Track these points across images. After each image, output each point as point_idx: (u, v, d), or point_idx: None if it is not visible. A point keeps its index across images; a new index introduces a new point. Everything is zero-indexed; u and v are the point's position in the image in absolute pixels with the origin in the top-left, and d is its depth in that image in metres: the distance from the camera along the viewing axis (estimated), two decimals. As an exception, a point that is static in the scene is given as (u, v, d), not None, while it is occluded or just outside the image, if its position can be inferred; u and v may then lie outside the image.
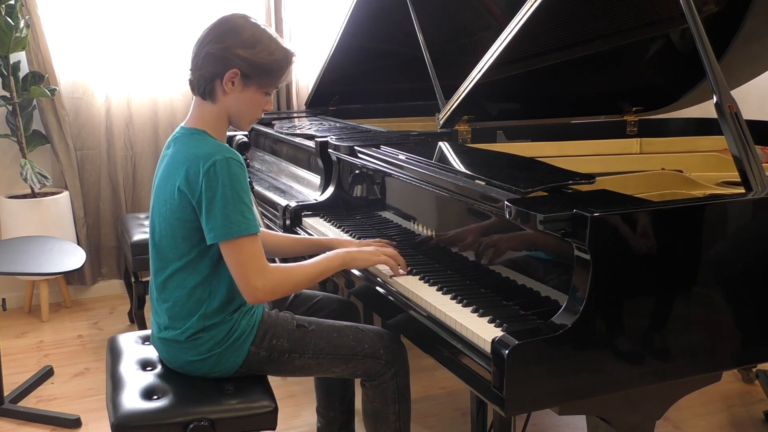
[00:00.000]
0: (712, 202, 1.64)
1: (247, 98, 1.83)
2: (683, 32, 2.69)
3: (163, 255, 1.84)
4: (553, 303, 1.56)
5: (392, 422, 1.98)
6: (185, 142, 1.82)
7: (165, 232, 1.82)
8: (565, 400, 1.47)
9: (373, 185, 2.42)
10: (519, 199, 1.59)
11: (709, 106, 1.81)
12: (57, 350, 3.40)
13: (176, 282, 1.83)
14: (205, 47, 1.79)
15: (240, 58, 1.77)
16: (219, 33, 1.79)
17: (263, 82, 1.83)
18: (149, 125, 4.02)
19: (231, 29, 1.79)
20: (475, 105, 2.58)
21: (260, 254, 1.76)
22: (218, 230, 1.72)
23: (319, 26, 4.20)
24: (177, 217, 1.79)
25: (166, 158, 1.86)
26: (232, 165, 1.73)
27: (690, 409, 2.77)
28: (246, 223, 1.73)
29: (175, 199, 1.77)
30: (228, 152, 1.75)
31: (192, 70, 1.83)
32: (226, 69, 1.78)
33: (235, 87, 1.80)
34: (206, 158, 1.72)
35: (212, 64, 1.78)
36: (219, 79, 1.79)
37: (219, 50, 1.77)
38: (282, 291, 1.84)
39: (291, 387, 2.93)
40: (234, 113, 1.85)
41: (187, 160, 1.76)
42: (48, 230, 3.55)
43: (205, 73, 1.80)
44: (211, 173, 1.71)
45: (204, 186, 1.71)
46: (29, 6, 3.62)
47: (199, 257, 1.80)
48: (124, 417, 1.73)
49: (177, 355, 1.87)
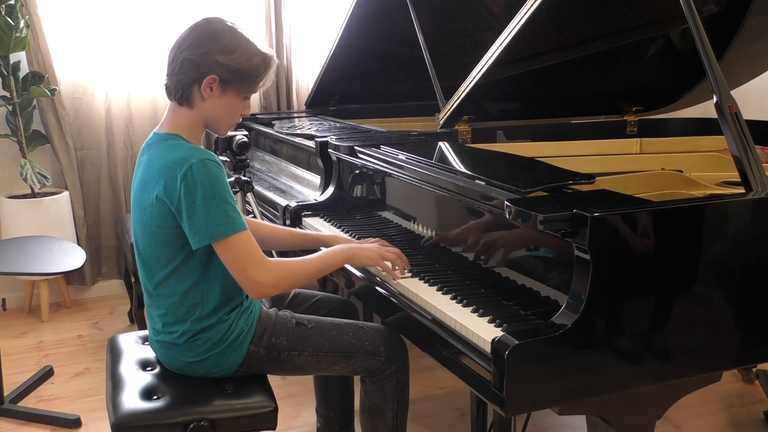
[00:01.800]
0: (712, 202, 1.64)
1: (226, 103, 1.81)
2: (683, 32, 2.69)
3: (149, 263, 1.83)
4: (553, 303, 1.56)
5: (389, 419, 1.97)
6: (159, 149, 1.79)
7: (148, 240, 1.81)
8: (565, 400, 1.47)
9: (373, 185, 2.42)
10: (519, 199, 1.59)
11: (709, 106, 1.81)
12: (57, 350, 3.40)
13: (166, 290, 1.82)
14: (182, 53, 1.76)
15: (218, 64, 1.75)
16: (196, 38, 1.76)
17: (242, 87, 1.80)
18: (149, 125, 4.01)
19: (208, 34, 1.76)
20: (475, 105, 2.58)
21: (255, 249, 1.75)
22: (203, 233, 1.70)
23: (319, 26, 4.20)
24: (158, 225, 1.77)
25: (142, 165, 1.83)
26: (209, 166, 1.71)
27: (690, 409, 2.77)
28: (231, 222, 1.71)
29: (155, 207, 1.75)
30: (203, 154, 1.73)
31: (169, 75, 1.80)
32: (205, 75, 1.75)
33: (214, 92, 1.77)
34: (182, 163, 1.70)
35: (190, 70, 1.76)
36: (197, 84, 1.76)
37: (197, 56, 1.74)
38: (286, 284, 1.82)
39: (291, 387, 2.93)
40: (212, 119, 1.83)
41: (163, 167, 1.73)
42: (48, 230, 3.55)
43: (183, 78, 1.77)
44: (189, 177, 1.69)
45: (183, 191, 1.69)
46: (29, 6, 3.62)
47: (185, 262, 1.79)
48: (124, 417, 1.73)
49: (175, 357, 1.86)
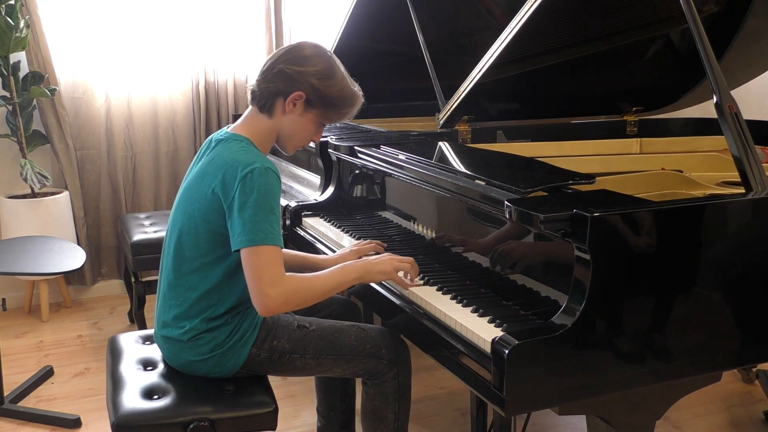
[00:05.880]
0: (712, 202, 1.64)
1: (304, 123, 1.86)
2: (683, 32, 2.69)
3: (182, 252, 1.84)
4: (553, 303, 1.56)
5: (391, 421, 1.97)
6: (228, 146, 1.82)
7: (188, 229, 1.83)
8: (565, 400, 1.47)
9: (373, 185, 2.42)
10: (519, 199, 1.59)
11: (709, 106, 1.81)
12: (57, 350, 3.40)
13: (190, 283, 1.83)
14: (279, 64, 1.82)
15: (310, 85, 1.81)
16: (297, 55, 1.83)
17: (324, 113, 1.87)
18: (149, 125, 4.02)
19: (311, 56, 1.84)
20: (475, 105, 2.58)
21: (279, 264, 1.73)
22: (245, 236, 1.70)
23: (319, 26, 4.20)
24: (204, 217, 1.79)
25: (205, 157, 1.86)
26: (270, 176, 1.74)
27: (690, 409, 2.77)
28: (273, 233, 1.72)
29: (207, 200, 1.78)
30: (268, 163, 1.76)
31: (259, 81, 1.85)
32: (293, 90, 1.81)
33: (296, 109, 1.83)
34: (246, 165, 1.73)
35: (281, 81, 1.81)
36: (283, 97, 1.82)
37: (293, 71, 1.81)
38: (295, 302, 1.79)
39: (291, 387, 2.93)
40: (286, 134, 1.88)
41: (226, 163, 1.76)
42: (48, 230, 3.55)
43: (272, 87, 1.82)
44: (248, 179, 1.71)
45: (239, 191, 1.71)
46: (29, 6, 3.62)
47: (215, 262, 1.81)
48: (124, 417, 1.73)
49: (178, 353, 1.87)
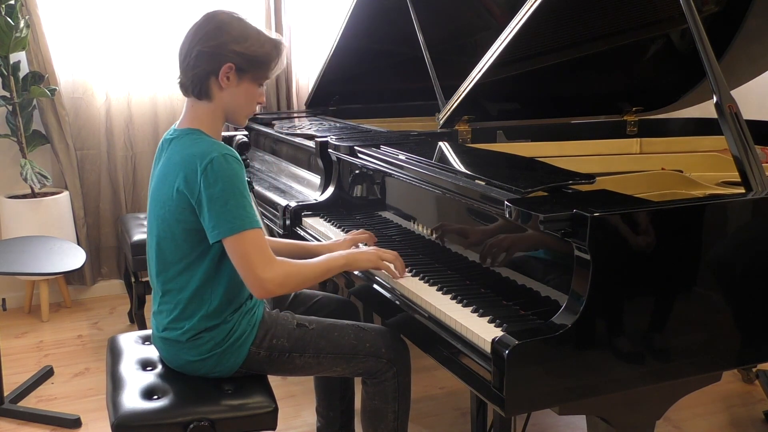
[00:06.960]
0: (712, 202, 1.64)
1: (243, 91, 1.84)
2: (683, 32, 2.69)
3: (164, 257, 1.84)
4: (553, 303, 1.56)
5: (390, 421, 1.97)
6: (180, 143, 1.82)
7: (164, 234, 1.82)
8: (565, 400, 1.47)
9: (373, 185, 2.42)
10: (519, 199, 1.59)
11: (709, 106, 1.81)
12: (57, 350, 3.40)
13: (179, 284, 1.83)
14: (195, 47, 1.80)
15: (234, 53, 1.79)
16: (207, 31, 1.80)
17: (257, 74, 1.84)
18: (149, 125, 4.02)
19: (218, 26, 1.80)
20: (475, 105, 2.58)
21: (266, 247, 1.75)
22: (221, 227, 1.71)
23: (319, 26, 4.20)
24: (176, 218, 1.78)
25: (162, 160, 1.85)
26: (230, 161, 1.74)
27: (690, 409, 2.77)
28: (248, 217, 1.73)
29: (174, 201, 1.77)
30: (224, 149, 1.75)
31: (183, 71, 1.84)
32: (221, 64, 1.79)
33: (231, 81, 1.81)
34: (203, 156, 1.73)
35: (206, 62, 1.79)
36: (214, 75, 1.80)
37: (211, 47, 1.78)
38: (291, 284, 1.82)
39: (291, 387, 2.93)
40: (231, 109, 1.87)
41: (184, 160, 1.76)
42: (48, 230, 3.55)
43: (199, 71, 1.81)
44: (209, 171, 1.71)
45: (203, 184, 1.71)
46: (29, 6, 3.62)
47: (200, 258, 1.80)
48: (124, 417, 1.73)
49: (177, 354, 1.87)
